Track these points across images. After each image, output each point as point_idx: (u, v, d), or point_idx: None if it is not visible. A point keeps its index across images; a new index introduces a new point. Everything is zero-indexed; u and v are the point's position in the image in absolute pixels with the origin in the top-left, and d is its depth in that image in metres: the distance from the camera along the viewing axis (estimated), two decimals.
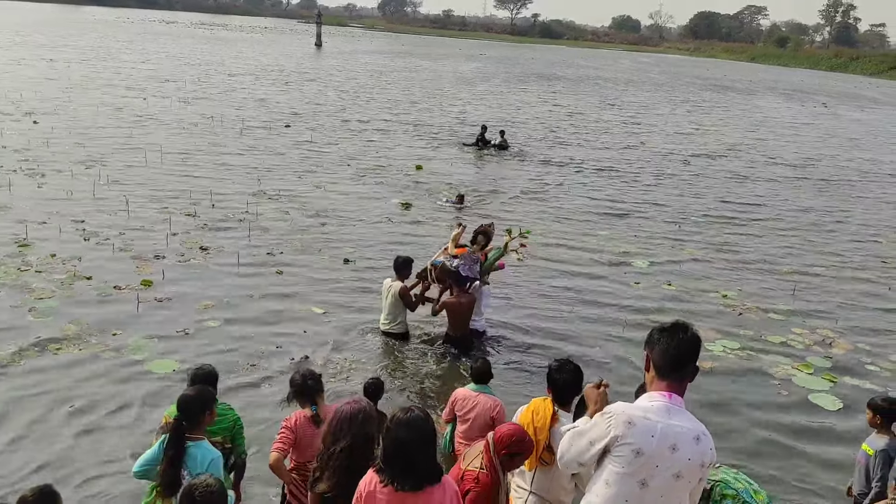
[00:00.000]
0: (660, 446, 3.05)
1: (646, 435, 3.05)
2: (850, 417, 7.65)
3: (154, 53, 47.19)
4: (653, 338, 3.25)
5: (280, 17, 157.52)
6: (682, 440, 3.07)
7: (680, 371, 3.18)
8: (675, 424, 3.08)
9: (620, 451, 3.08)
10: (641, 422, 3.08)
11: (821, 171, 23.22)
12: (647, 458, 3.06)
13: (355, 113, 27.55)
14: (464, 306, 8.35)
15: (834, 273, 12.70)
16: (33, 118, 20.58)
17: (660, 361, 3.19)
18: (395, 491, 3.43)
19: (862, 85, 76.43)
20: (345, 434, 3.84)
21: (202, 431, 4.23)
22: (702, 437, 3.12)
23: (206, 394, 4.31)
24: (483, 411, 5.69)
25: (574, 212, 15.40)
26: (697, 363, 3.23)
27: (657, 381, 3.20)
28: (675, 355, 3.16)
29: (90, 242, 11.02)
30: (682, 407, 3.15)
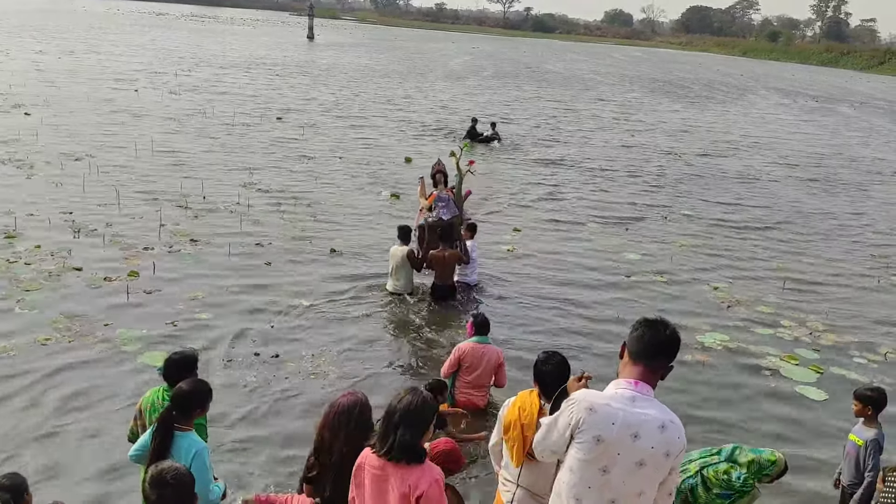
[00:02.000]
0: (620, 434, 3.04)
1: (606, 422, 3.05)
2: (836, 408, 7.71)
3: (144, 45, 46.93)
4: (633, 327, 3.25)
5: (272, 9, 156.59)
6: (644, 428, 3.05)
7: (652, 360, 3.15)
8: (638, 412, 3.06)
9: (581, 437, 3.09)
10: (603, 409, 3.07)
11: (812, 166, 23.32)
12: (608, 446, 3.05)
13: (346, 106, 27.49)
14: (448, 258, 9.41)
15: (823, 266, 12.77)
16: (24, 110, 20.46)
17: (633, 346, 3.19)
18: (379, 457, 3.45)
19: (853, 80, 76.69)
20: (342, 426, 3.85)
21: (191, 423, 4.23)
22: (668, 426, 3.08)
23: (203, 389, 4.30)
24: (490, 360, 6.70)
25: (564, 204, 15.43)
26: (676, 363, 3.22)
27: (629, 366, 3.19)
28: (651, 343, 3.15)
29: (80, 234, 10.98)
30: (649, 395, 3.13)
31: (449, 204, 9.61)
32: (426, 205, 9.78)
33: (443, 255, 9.38)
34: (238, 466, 5.88)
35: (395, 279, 9.58)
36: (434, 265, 9.46)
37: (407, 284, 9.56)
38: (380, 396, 7.05)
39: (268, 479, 5.77)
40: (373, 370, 7.71)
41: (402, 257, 9.41)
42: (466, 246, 9.77)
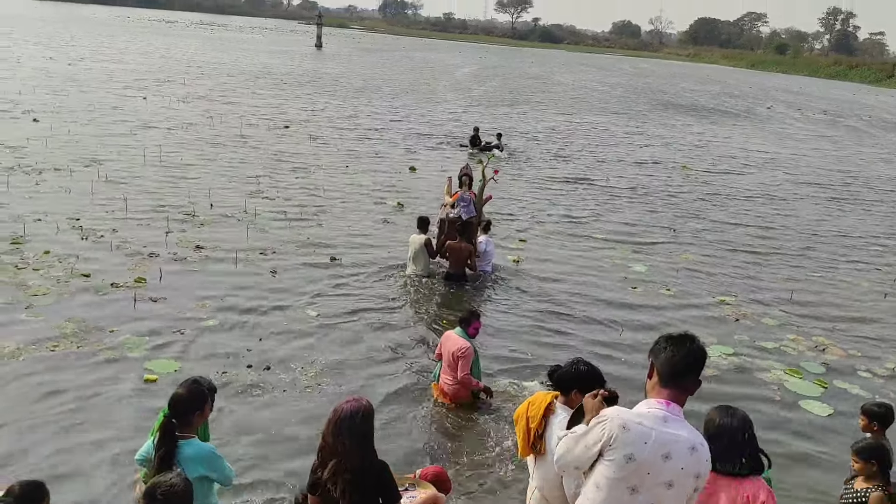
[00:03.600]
0: (653, 453, 3.04)
1: (639, 441, 3.04)
2: (841, 423, 7.68)
3: (153, 53, 47.21)
4: (659, 345, 3.24)
5: (280, 18, 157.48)
6: (676, 449, 3.05)
7: (682, 380, 3.16)
8: (670, 432, 3.06)
9: (612, 455, 3.07)
10: (636, 427, 3.06)
11: (821, 181, 23.31)
12: (639, 465, 3.04)
13: (353, 115, 27.59)
14: (463, 250, 10.49)
15: (830, 280, 12.75)
16: (33, 116, 20.59)
17: (663, 369, 3.18)
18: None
19: (862, 93, 76.60)
20: (344, 431, 3.87)
21: (194, 430, 4.23)
22: (698, 448, 3.10)
23: (198, 393, 4.28)
24: (451, 348, 7.16)
25: (570, 216, 15.45)
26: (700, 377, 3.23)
27: (658, 388, 3.19)
28: (680, 364, 3.15)
29: (87, 240, 11.03)
30: (680, 416, 3.13)
31: (469, 205, 10.67)
32: (450, 202, 10.80)
33: (458, 245, 10.50)
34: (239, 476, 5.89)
35: (414, 265, 10.61)
36: (449, 254, 10.56)
37: (424, 269, 10.60)
38: (389, 403, 7.11)
39: (267, 491, 5.77)
40: (375, 378, 7.72)
41: (420, 245, 10.46)
42: (480, 242, 10.89)
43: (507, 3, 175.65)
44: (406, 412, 7.18)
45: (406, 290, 10.37)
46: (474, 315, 7.46)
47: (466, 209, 10.62)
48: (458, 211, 10.62)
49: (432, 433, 6.93)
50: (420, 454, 6.49)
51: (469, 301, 10.19)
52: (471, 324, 7.34)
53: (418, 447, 6.62)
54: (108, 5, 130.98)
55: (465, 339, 7.25)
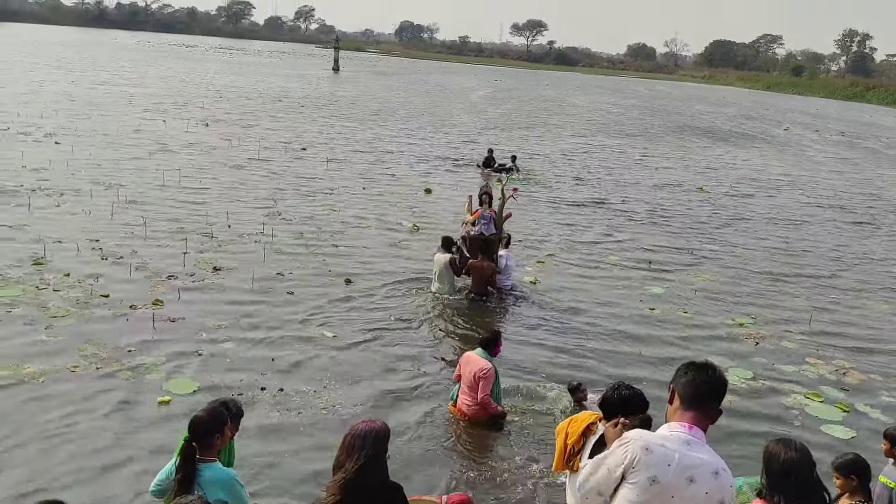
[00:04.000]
0: (676, 476, 3.01)
1: (662, 463, 3.01)
2: (864, 448, 7.56)
3: (173, 77, 47.85)
4: (680, 371, 3.24)
5: (298, 42, 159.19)
6: (699, 472, 3.02)
7: (704, 405, 3.15)
8: (694, 455, 3.03)
9: (635, 477, 3.03)
10: (658, 449, 3.03)
11: (842, 203, 23.16)
12: (663, 488, 3.01)
13: (369, 137, 27.77)
14: (485, 269, 10.78)
15: (850, 303, 12.63)
16: (55, 139, 20.89)
17: (685, 391, 3.17)
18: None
19: (880, 115, 76.26)
20: (357, 451, 3.87)
21: (215, 453, 4.22)
22: (721, 473, 3.07)
23: (218, 415, 4.28)
24: (472, 369, 7.19)
25: (588, 238, 15.43)
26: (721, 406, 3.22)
27: (681, 412, 3.17)
28: (702, 387, 3.15)
29: (107, 261, 11.14)
30: (702, 441, 3.10)
31: (490, 223, 10.99)
32: (470, 220, 11.18)
33: (481, 265, 10.78)
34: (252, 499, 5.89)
35: (439, 283, 10.87)
36: (472, 273, 10.85)
37: (449, 288, 10.86)
38: (407, 425, 7.09)
39: None
40: (392, 399, 7.71)
41: (444, 264, 10.76)
42: (501, 253, 11.20)
43: (523, 27, 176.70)
44: (424, 433, 7.18)
45: (424, 308, 10.52)
46: (497, 336, 7.60)
47: (487, 226, 10.97)
48: (478, 228, 10.96)
49: (453, 455, 6.92)
50: (441, 477, 6.48)
51: (490, 319, 10.36)
52: (494, 345, 7.48)
53: (438, 470, 6.61)
54: (130, 30, 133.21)
55: (487, 359, 7.32)
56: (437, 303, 10.71)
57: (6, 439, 6.39)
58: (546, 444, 7.02)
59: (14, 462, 6.11)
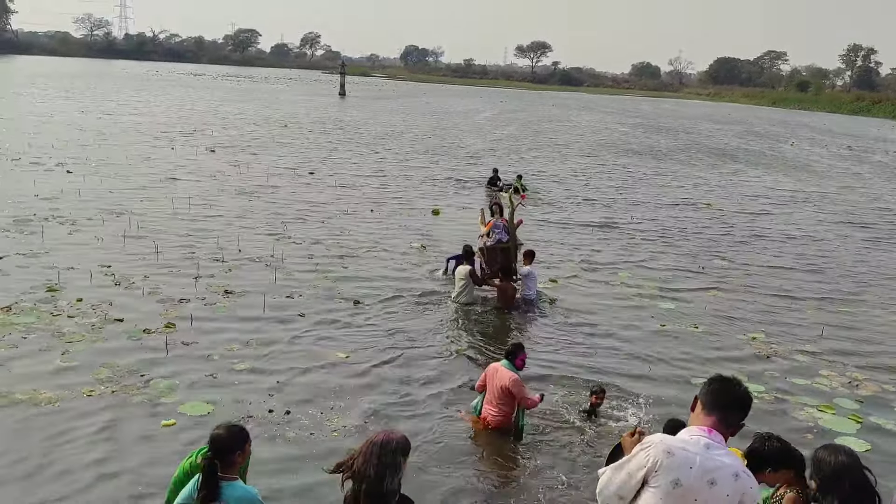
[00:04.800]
0: (698, 479, 3.04)
1: (684, 466, 3.05)
2: (879, 458, 7.54)
3: (182, 105, 48.35)
4: (706, 383, 3.31)
5: (304, 69, 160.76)
6: (720, 475, 3.05)
7: (725, 412, 3.19)
8: (714, 458, 3.07)
9: (657, 481, 3.07)
10: (680, 452, 3.07)
11: (850, 216, 23.13)
12: (686, 490, 3.04)
13: (376, 160, 27.95)
14: (508, 289, 11.54)
15: (862, 315, 12.60)
16: (66, 168, 21.12)
17: (706, 399, 3.23)
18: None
19: (885, 128, 76.15)
20: (375, 459, 3.89)
21: (236, 471, 4.24)
22: (741, 475, 3.10)
23: (237, 432, 4.31)
24: (498, 381, 7.41)
25: (599, 257, 15.46)
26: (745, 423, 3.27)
27: (702, 416, 3.22)
28: (725, 396, 3.21)
29: (120, 287, 11.24)
30: (722, 445, 3.14)
31: (503, 231, 12.03)
32: (484, 231, 12.21)
33: (504, 286, 11.59)
34: None
35: (461, 292, 11.48)
36: (498, 293, 11.62)
37: (469, 297, 11.49)
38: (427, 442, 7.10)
39: None
40: (411, 416, 7.73)
41: (466, 274, 11.42)
42: (524, 269, 11.82)
43: (527, 48, 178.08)
44: (442, 443, 7.29)
45: (435, 325, 10.76)
46: (520, 348, 7.78)
47: (501, 234, 12.03)
48: (494, 238, 11.97)
49: (476, 471, 6.97)
50: (460, 488, 6.56)
51: (507, 333, 10.73)
52: (517, 356, 7.66)
53: (461, 485, 6.66)
54: (139, 60, 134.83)
55: (512, 370, 7.52)
56: (454, 314, 11.21)
57: (23, 462, 6.45)
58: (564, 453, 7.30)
59: (34, 483, 6.16)
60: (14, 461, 6.48)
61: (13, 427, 7.04)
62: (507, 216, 12.22)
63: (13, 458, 6.53)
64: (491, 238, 12.07)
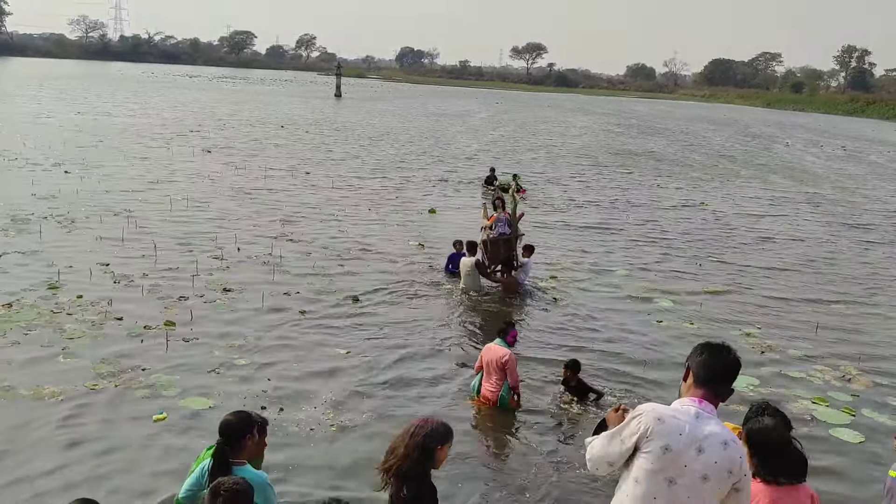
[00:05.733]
0: (687, 445, 3.17)
1: (674, 432, 3.18)
2: (873, 449, 7.67)
3: (178, 106, 48.39)
4: (696, 351, 3.42)
5: (300, 70, 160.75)
6: (708, 443, 3.17)
7: (716, 384, 3.32)
8: (702, 427, 3.20)
9: (649, 447, 3.20)
10: (670, 420, 3.21)
11: (841, 209, 23.27)
12: (675, 456, 3.16)
13: (373, 160, 28.04)
14: (511, 283, 12.32)
15: (857, 310, 12.73)
16: (63, 168, 21.16)
17: (698, 371, 3.35)
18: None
19: (880, 129, 76.46)
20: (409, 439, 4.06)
21: (245, 456, 4.28)
22: (730, 444, 3.21)
23: (245, 417, 4.37)
24: (493, 358, 7.84)
25: (593, 253, 15.57)
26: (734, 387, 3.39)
27: (693, 388, 3.34)
28: (716, 368, 3.33)
29: (119, 285, 11.30)
30: (712, 414, 3.26)
31: (505, 224, 12.60)
32: (487, 224, 12.71)
33: (508, 280, 12.40)
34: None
35: (467, 283, 12.19)
36: (502, 286, 12.35)
37: (475, 285, 12.20)
38: None
39: None
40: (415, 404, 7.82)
41: (471, 265, 12.13)
42: (523, 260, 12.59)
43: (522, 50, 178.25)
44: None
45: (441, 315, 11.17)
46: (510, 325, 8.34)
47: (504, 227, 12.61)
48: (497, 230, 12.54)
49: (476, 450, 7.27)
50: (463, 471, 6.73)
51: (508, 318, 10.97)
52: (508, 333, 8.15)
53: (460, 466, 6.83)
54: (134, 62, 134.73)
55: (504, 346, 7.98)
56: (455, 305, 11.69)
57: (26, 453, 6.52)
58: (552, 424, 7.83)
59: (35, 474, 6.23)
60: (16, 455, 6.54)
61: (14, 422, 7.09)
62: (510, 210, 12.80)
63: (15, 451, 6.59)
64: (494, 231, 12.66)
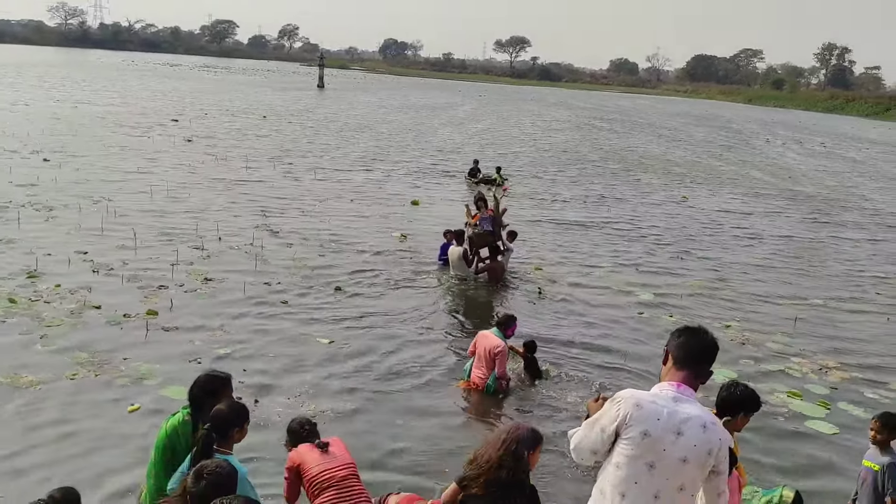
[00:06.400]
0: (665, 430, 3.20)
1: (652, 417, 3.21)
2: (847, 441, 7.78)
3: (158, 95, 47.95)
4: (674, 334, 3.47)
5: (283, 60, 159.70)
6: (687, 426, 3.20)
7: (695, 365, 3.36)
8: (681, 411, 3.23)
9: (629, 432, 3.23)
10: (648, 405, 3.24)
11: (820, 205, 23.51)
12: (654, 441, 3.19)
13: (355, 151, 27.96)
14: (497, 269, 12.62)
15: (835, 304, 12.88)
16: (42, 156, 20.91)
17: (677, 353, 3.39)
18: None
19: (859, 127, 77.26)
20: (499, 450, 4.14)
21: (230, 446, 4.29)
22: (709, 426, 3.25)
23: (239, 408, 4.38)
24: (486, 346, 8.04)
25: (576, 246, 15.65)
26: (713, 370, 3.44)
27: (672, 371, 3.38)
28: (694, 349, 3.38)
29: (99, 273, 11.20)
30: (691, 398, 3.30)
31: (489, 222, 12.87)
32: (472, 222, 12.97)
33: (493, 266, 12.72)
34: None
35: (455, 270, 12.70)
36: (489, 273, 12.70)
37: (463, 272, 12.67)
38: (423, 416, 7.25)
39: None
40: (404, 392, 7.84)
41: (458, 255, 12.60)
42: (508, 245, 13.06)
43: (506, 43, 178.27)
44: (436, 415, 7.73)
45: (426, 303, 11.34)
46: (512, 319, 8.47)
47: (486, 226, 12.85)
48: (481, 227, 12.84)
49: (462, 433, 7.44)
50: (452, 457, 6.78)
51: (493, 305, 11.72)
52: (509, 327, 8.34)
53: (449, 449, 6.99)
54: (114, 50, 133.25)
55: (500, 338, 8.16)
56: (441, 293, 11.97)
57: (7, 444, 6.46)
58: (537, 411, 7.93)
59: (17, 466, 6.19)
60: None
61: None
62: (493, 207, 12.96)
63: None
64: (479, 227, 12.91)
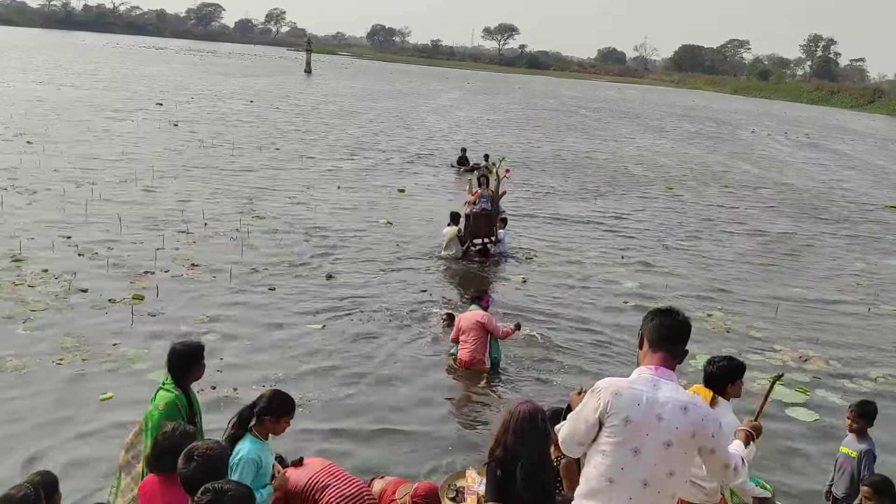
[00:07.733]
0: (646, 415, 3.22)
1: (633, 403, 3.23)
2: (824, 428, 7.91)
3: (143, 78, 47.52)
4: (647, 318, 3.49)
5: (269, 45, 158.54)
6: (667, 409, 3.22)
7: (670, 346, 3.39)
8: (660, 395, 3.25)
9: (611, 420, 3.25)
10: (628, 392, 3.26)
11: (803, 196, 23.68)
12: (637, 426, 3.22)
13: (342, 137, 27.88)
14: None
15: (816, 294, 13.01)
16: (26, 139, 20.73)
17: (652, 335, 3.41)
18: None
19: (846, 118, 77.77)
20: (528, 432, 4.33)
21: (265, 435, 4.46)
22: (690, 408, 3.25)
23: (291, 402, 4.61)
24: (472, 318, 8.38)
25: (558, 235, 15.70)
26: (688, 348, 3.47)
27: (649, 354, 3.40)
28: (668, 330, 3.40)
29: (83, 258, 11.17)
30: (671, 380, 3.32)
31: (489, 200, 13.17)
32: (472, 200, 13.28)
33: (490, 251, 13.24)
34: None
35: (448, 250, 12.98)
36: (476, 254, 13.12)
37: (457, 252, 12.98)
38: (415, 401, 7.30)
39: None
40: (393, 379, 7.89)
41: (452, 235, 12.92)
42: (500, 234, 13.35)
43: (494, 31, 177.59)
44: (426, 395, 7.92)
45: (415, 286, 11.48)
46: (483, 292, 9.14)
47: (486, 203, 13.17)
48: (480, 206, 13.12)
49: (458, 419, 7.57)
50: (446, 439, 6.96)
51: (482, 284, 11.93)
52: (482, 299, 8.85)
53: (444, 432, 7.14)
54: (98, 32, 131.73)
55: (479, 310, 8.57)
56: (430, 274, 12.22)
57: None
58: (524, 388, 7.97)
59: (5, 448, 6.20)
60: None
61: None
62: (493, 187, 13.33)
63: None
64: (477, 207, 13.22)
